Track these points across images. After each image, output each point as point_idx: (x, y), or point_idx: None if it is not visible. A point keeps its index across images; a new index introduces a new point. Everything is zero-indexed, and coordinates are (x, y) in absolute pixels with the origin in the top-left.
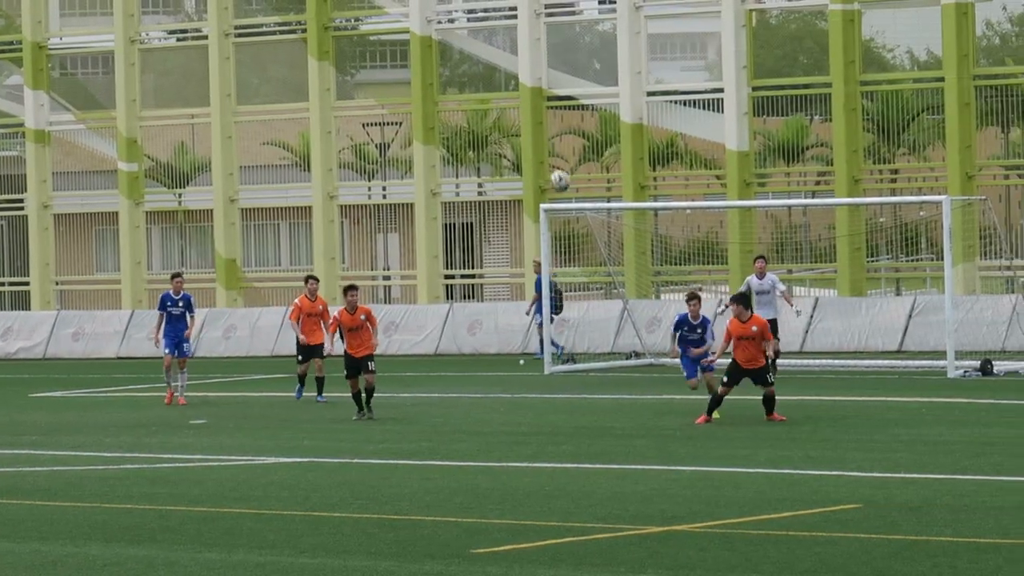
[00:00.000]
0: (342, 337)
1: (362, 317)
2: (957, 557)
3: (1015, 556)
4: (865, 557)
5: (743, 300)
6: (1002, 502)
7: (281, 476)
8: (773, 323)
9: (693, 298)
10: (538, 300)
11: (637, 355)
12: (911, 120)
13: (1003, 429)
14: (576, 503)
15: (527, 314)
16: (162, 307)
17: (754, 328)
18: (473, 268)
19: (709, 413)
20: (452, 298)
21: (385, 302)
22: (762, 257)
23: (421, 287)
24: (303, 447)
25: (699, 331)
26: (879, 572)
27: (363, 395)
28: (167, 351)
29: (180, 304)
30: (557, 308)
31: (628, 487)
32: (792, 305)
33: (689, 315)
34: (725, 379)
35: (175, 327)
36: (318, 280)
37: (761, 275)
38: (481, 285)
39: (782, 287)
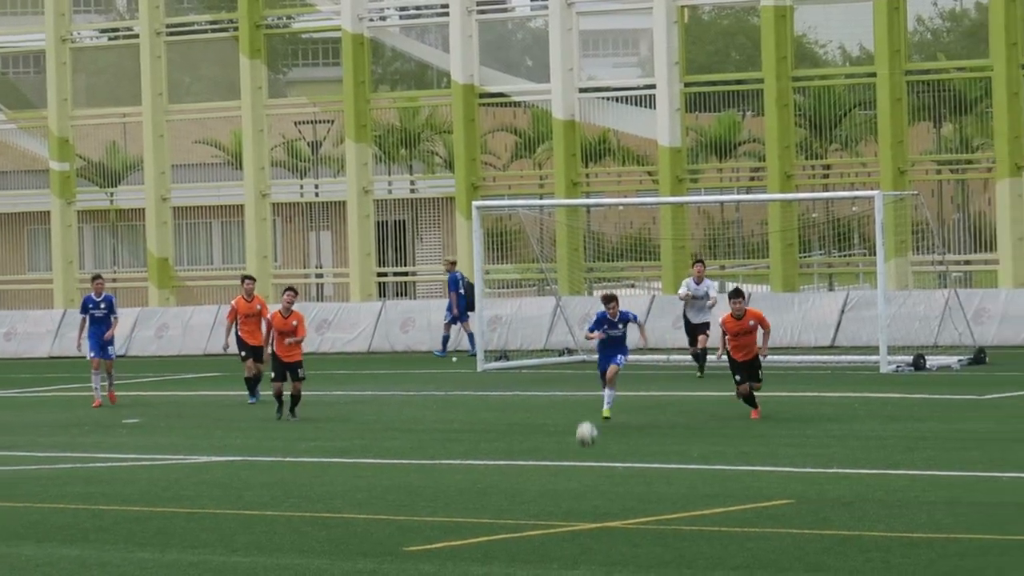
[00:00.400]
0: (271, 339)
1: (294, 323)
2: (890, 552)
3: (947, 551)
4: (798, 552)
5: (740, 295)
6: (934, 497)
7: (214, 475)
8: (707, 326)
9: (610, 300)
10: (454, 298)
11: (570, 352)
12: (843, 115)
13: (936, 424)
14: (509, 500)
15: (446, 319)
16: (84, 310)
17: (751, 323)
18: (406, 266)
19: (754, 407)
20: (385, 296)
21: (318, 300)
22: (700, 262)
23: (354, 285)
24: (235, 446)
25: (620, 326)
26: (812, 567)
27: (288, 400)
28: (92, 354)
29: (102, 306)
30: (469, 306)
31: (561, 484)
32: (713, 297)
33: (608, 314)
34: (738, 378)
35: (98, 329)
36: (254, 280)
37: (699, 280)
38: (414, 283)
39: (714, 295)
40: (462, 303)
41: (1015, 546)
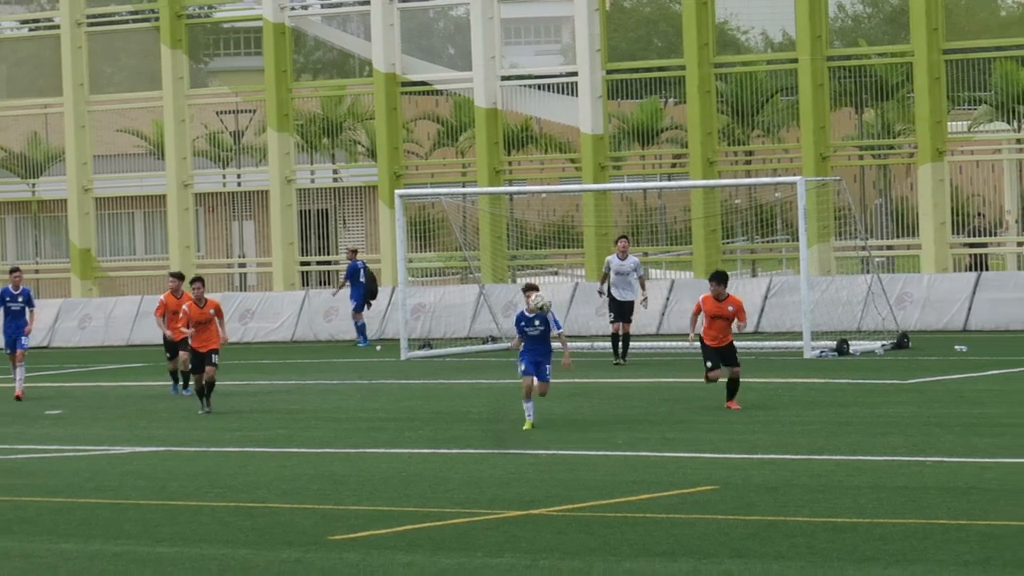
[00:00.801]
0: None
1: (211, 311)
2: (815, 537)
3: (872, 535)
4: (723, 538)
5: (722, 279)
6: (859, 482)
7: (137, 466)
8: (631, 305)
9: (530, 289)
10: (346, 287)
11: (494, 339)
12: (765, 102)
13: (859, 409)
14: (433, 488)
15: (333, 294)
16: (1, 303)
17: (730, 308)
18: (329, 255)
19: (731, 397)
20: (308, 285)
21: (241, 290)
22: (624, 237)
23: (277, 274)
24: (159, 436)
25: (538, 324)
26: (737, 553)
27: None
28: (6, 349)
29: (20, 299)
30: (372, 295)
31: (485, 472)
32: (643, 293)
33: (525, 310)
34: (709, 364)
35: (15, 323)
36: (182, 278)
37: (623, 256)
38: (337, 272)
39: (642, 272)
40: (360, 292)
41: (938, 530)
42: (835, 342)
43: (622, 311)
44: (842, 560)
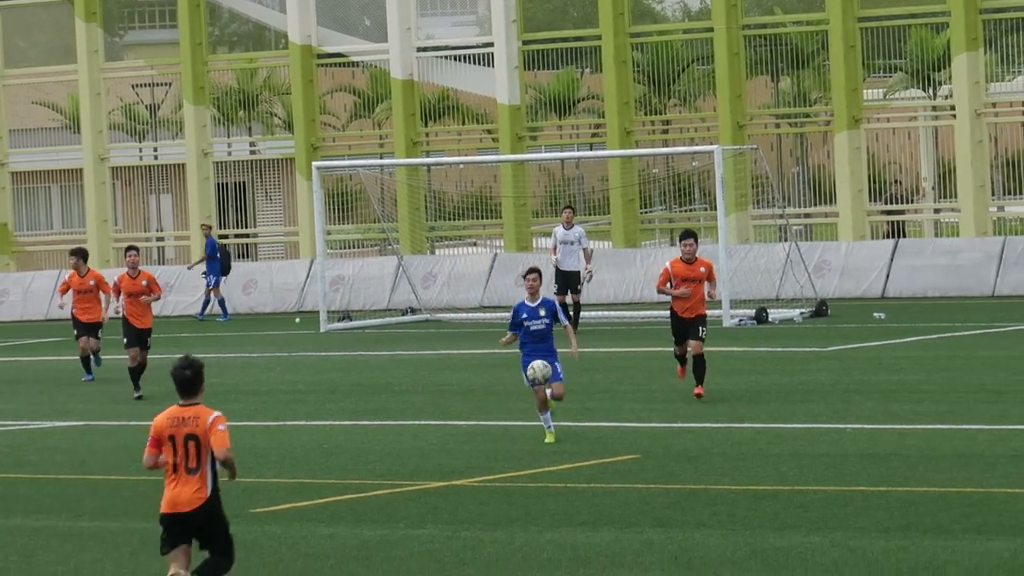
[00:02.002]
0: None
1: (144, 282)
2: (736, 505)
3: (793, 502)
4: (644, 507)
5: (692, 235)
6: (779, 449)
7: (57, 440)
8: (576, 275)
9: (532, 272)
10: (206, 260)
11: (413, 311)
12: (682, 71)
13: (779, 377)
14: (354, 460)
15: (189, 268)
16: None
17: (701, 269)
18: (247, 227)
19: (683, 364)
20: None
21: (159, 263)
22: (570, 208)
23: (195, 247)
24: (79, 411)
25: (543, 315)
26: (658, 522)
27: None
28: None
29: None
30: (225, 270)
31: (406, 443)
32: (588, 265)
33: (526, 299)
34: (675, 338)
35: None
36: (86, 255)
37: (568, 225)
38: (255, 244)
39: (586, 243)
40: (217, 268)
41: (858, 497)
42: (754, 310)
43: (567, 281)
44: (763, 528)
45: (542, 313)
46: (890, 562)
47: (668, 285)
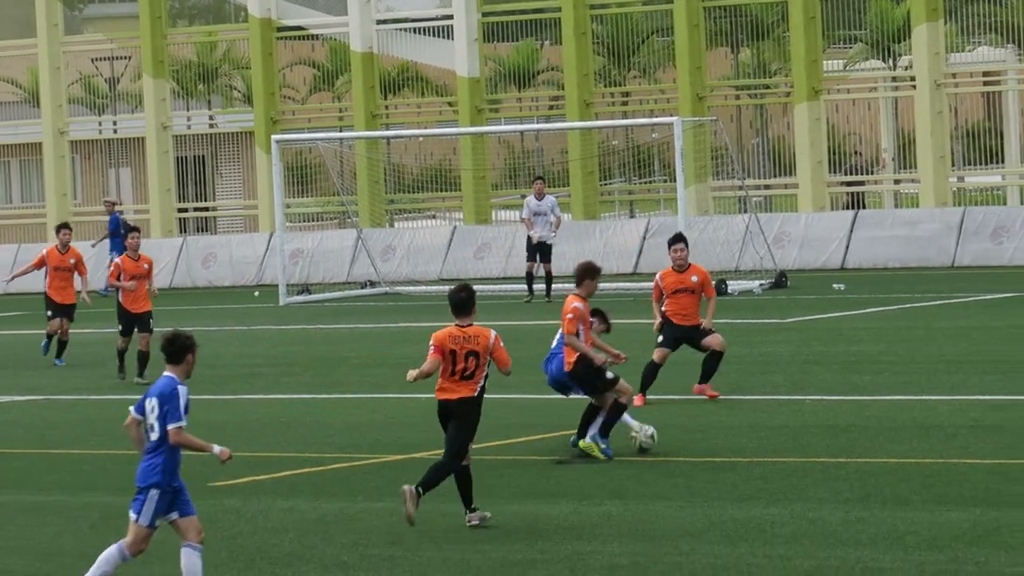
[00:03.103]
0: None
1: (145, 267)
2: (694, 477)
3: (752, 474)
4: (603, 479)
5: (682, 240)
6: (738, 421)
7: (17, 415)
8: (549, 248)
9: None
10: (109, 237)
11: (372, 284)
12: (641, 43)
13: (738, 348)
14: (313, 433)
15: (93, 245)
16: None
17: (694, 279)
18: (206, 201)
19: (643, 390)
20: (186, 231)
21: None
22: (540, 179)
23: (154, 221)
24: (39, 385)
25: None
26: (615, 494)
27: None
28: None
29: None
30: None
31: (365, 416)
32: (554, 232)
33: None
34: (660, 339)
35: None
36: (71, 229)
37: (540, 196)
38: (215, 218)
39: (558, 212)
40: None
41: (817, 468)
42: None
43: (542, 250)
44: (722, 499)
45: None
46: (849, 533)
47: (661, 301)
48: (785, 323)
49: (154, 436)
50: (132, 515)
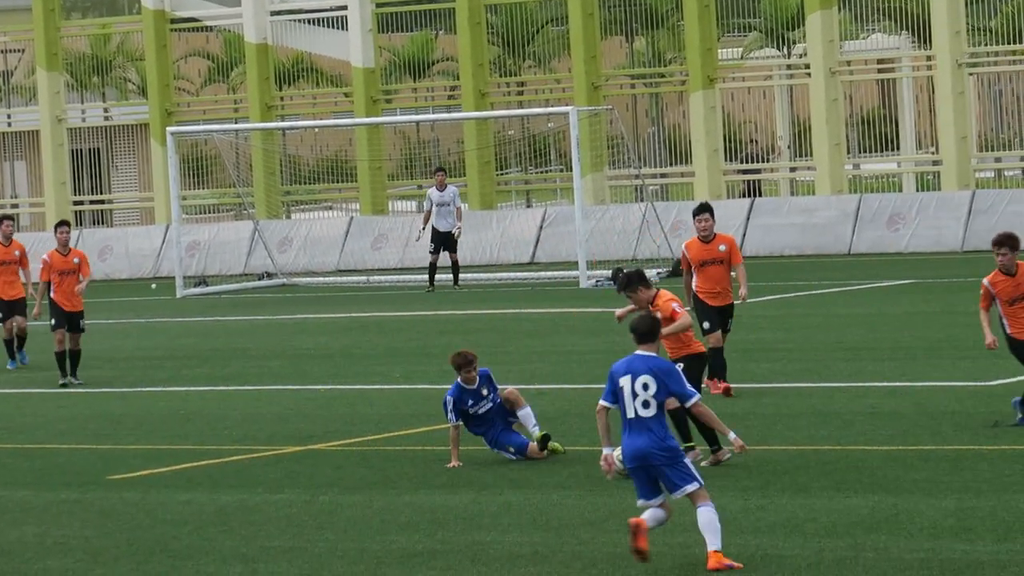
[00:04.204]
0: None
1: (75, 261)
2: (593, 466)
3: None
4: (502, 470)
5: (708, 209)
6: None
7: None
8: (451, 237)
9: (465, 365)
10: None
11: (269, 275)
12: (536, 32)
13: None
14: (211, 426)
15: None
16: None
17: (721, 248)
18: (102, 193)
19: (713, 377)
20: (82, 224)
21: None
22: (441, 170)
23: (50, 214)
24: None
25: (486, 400)
26: (516, 484)
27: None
28: None
29: None
30: None
31: (263, 408)
32: (459, 223)
33: (461, 381)
34: (707, 325)
35: None
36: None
37: (442, 187)
38: (111, 210)
39: (460, 203)
40: None
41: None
42: (611, 271)
43: (445, 241)
44: (621, 488)
45: (484, 396)
46: (749, 520)
47: (690, 273)
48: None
49: None
50: None
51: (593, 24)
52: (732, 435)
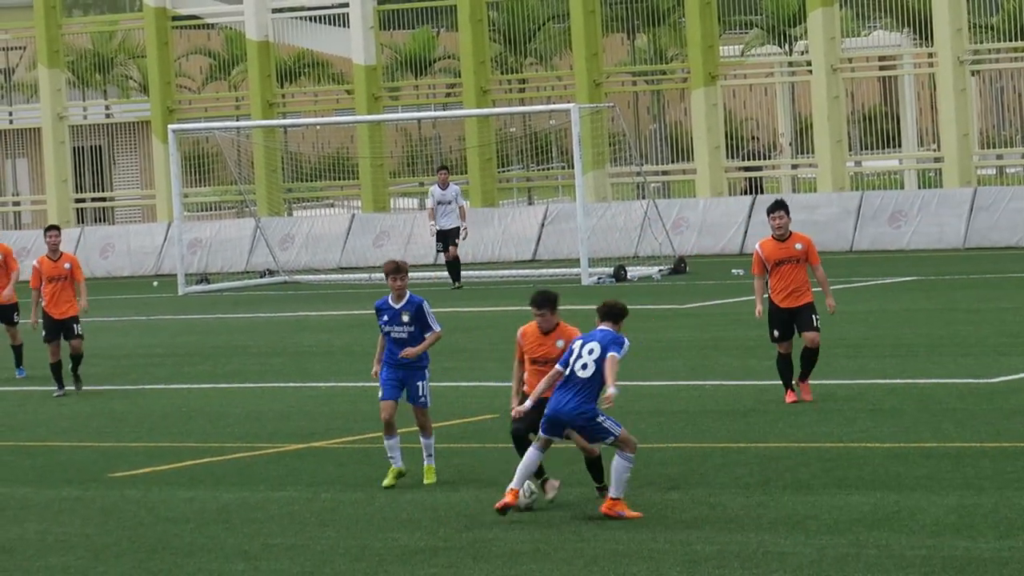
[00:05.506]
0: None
1: (66, 266)
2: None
3: (653, 459)
4: (504, 467)
5: (787, 208)
6: (638, 407)
7: None
8: (456, 231)
9: (396, 272)
10: None
11: (271, 273)
12: (538, 29)
13: (638, 334)
14: (213, 423)
15: None
16: None
17: (798, 247)
18: (104, 191)
19: (788, 385)
20: (84, 222)
21: (16, 228)
22: (444, 168)
23: (51, 211)
24: None
25: (408, 322)
26: None
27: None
28: None
29: None
30: None
31: (265, 405)
32: (463, 223)
33: (390, 297)
34: (776, 333)
35: None
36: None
37: (444, 185)
38: (112, 208)
39: (463, 201)
40: None
41: (717, 453)
42: (613, 268)
43: (446, 238)
44: None
45: (406, 318)
46: (750, 518)
47: (764, 272)
48: (684, 309)
49: None
50: None
51: (594, 21)
52: (612, 389)
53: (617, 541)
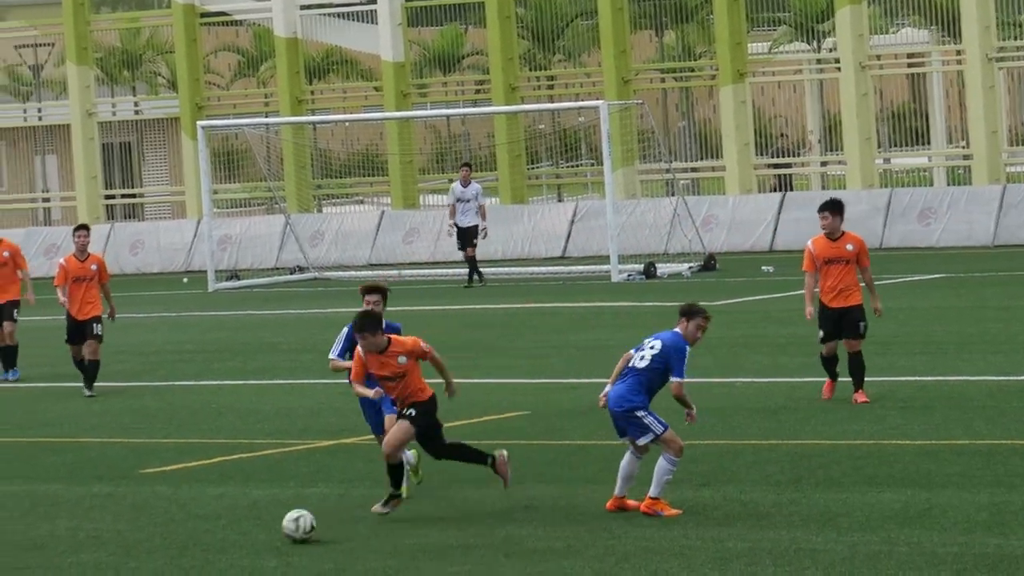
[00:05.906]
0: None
1: (93, 267)
2: (619, 461)
3: (683, 457)
4: (531, 464)
5: (836, 208)
6: (666, 405)
7: None
8: (475, 229)
9: (371, 291)
10: None
11: (301, 269)
12: (566, 26)
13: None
14: (244, 419)
15: None
16: None
17: (848, 247)
18: (133, 187)
19: (833, 377)
20: (113, 218)
21: (45, 224)
22: (467, 165)
23: (81, 208)
24: None
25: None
26: (543, 478)
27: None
28: None
29: None
30: None
31: (295, 402)
32: (483, 222)
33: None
34: (821, 334)
35: None
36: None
37: (466, 183)
38: (142, 204)
39: (483, 200)
40: None
41: (748, 450)
42: (642, 265)
43: (466, 236)
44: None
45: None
46: (782, 515)
47: (815, 272)
48: (714, 306)
49: None
50: None
51: (622, 18)
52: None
53: (648, 538)
